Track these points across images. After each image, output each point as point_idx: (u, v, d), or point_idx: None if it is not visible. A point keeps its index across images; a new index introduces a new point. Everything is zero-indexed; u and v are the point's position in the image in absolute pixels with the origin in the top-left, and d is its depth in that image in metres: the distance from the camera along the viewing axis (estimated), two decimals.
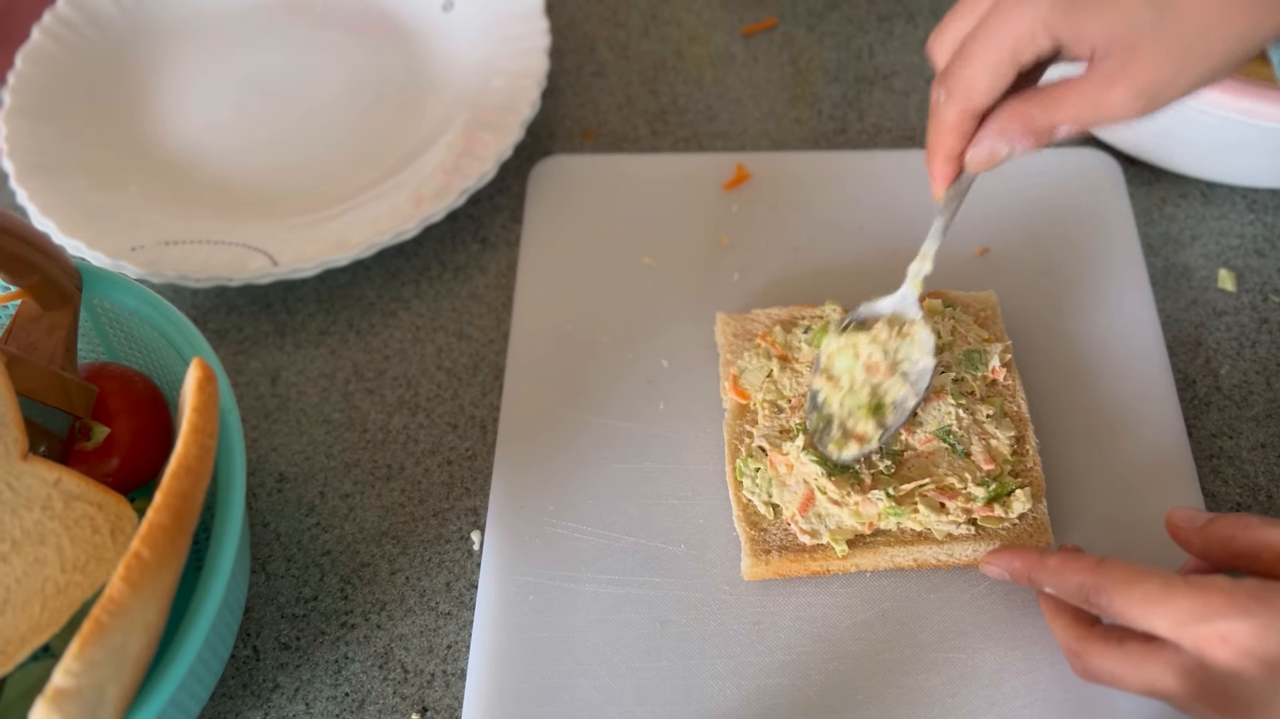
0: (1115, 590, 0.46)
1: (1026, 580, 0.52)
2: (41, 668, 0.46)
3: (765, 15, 0.84)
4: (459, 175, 0.71)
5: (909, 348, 0.57)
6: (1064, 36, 0.45)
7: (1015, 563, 0.52)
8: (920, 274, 0.57)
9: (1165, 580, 0.44)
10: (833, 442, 0.56)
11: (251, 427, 0.65)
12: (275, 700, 0.56)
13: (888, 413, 0.57)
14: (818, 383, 0.58)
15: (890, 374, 0.57)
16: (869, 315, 0.58)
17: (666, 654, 0.55)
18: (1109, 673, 0.47)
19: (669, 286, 0.68)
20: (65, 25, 0.79)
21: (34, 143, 0.74)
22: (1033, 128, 0.48)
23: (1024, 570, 0.52)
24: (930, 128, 0.51)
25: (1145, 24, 0.43)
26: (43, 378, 0.51)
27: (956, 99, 0.49)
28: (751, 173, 0.73)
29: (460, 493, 0.62)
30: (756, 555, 0.56)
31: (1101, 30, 0.44)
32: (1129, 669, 0.46)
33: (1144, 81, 0.44)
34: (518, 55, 0.76)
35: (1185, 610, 0.43)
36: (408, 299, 0.70)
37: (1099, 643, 0.47)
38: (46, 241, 0.52)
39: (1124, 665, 0.46)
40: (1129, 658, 0.46)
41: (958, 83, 0.48)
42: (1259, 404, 0.63)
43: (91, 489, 0.46)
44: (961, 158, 0.51)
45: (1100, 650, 0.47)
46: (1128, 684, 0.46)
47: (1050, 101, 0.47)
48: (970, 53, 0.47)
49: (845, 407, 0.57)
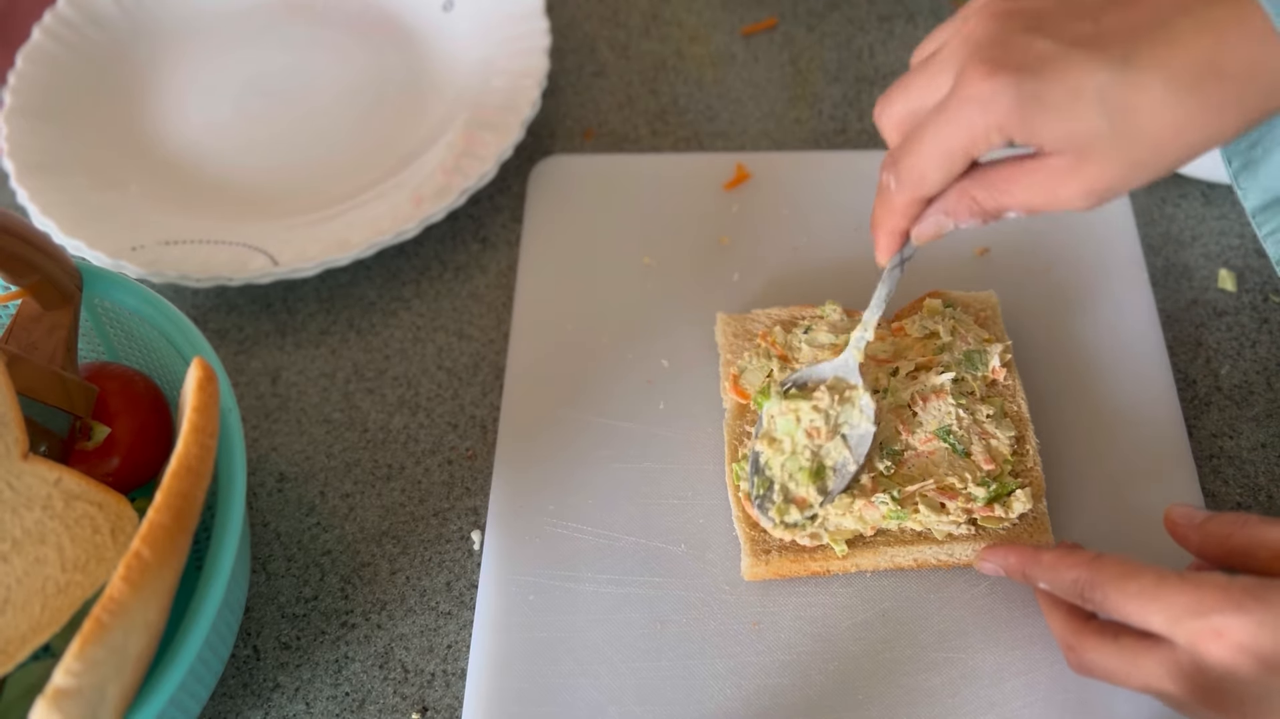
0: (1110, 586, 0.46)
1: (1021, 576, 0.52)
2: (42, 667, 0.46)
3: (765, 15, 0.84)
4: (459, 175, 0.71)
5: (850, 413, 0.56)
6: (1018, 138, 0.45)
7: (1010, 558, 0.52)
8: (862, 341, 0.57)
9: (1160, 576, 0.45)
10: (775, 508, 0.56)
11: (252, 426, 0.65)
12: (275, 700, 0.56)
13: (828, 477, 0.56)
14: (759, 446, 0.57)
15: (830, 438, 0.56)
16: (810, 379, 0.58)
17: (666, 654, 0.55)
18: (1104, 668, 0.47)
19: (669, 286, 0.68)
20: (66, 25, 0.79)
21: (34, 142, 0.74)
22: (980, 210, 0.48)
23: (1019, 566, 0.52)
24: (877, 206, 0.52)
25: (1100, 133, 0.43)
26: (43, 377, 0.51)
27: (906, 188, 0.49)
28: (751, 173, 0.73)
29: (460, 493, 0.62)
30: (756, 555, 0.56)
31: (1055, 136, 0.44)
32: (1124, 664, 0.46)
33: (1097, 183, 0.45)
34: (518, 55, 0.76)
35: (1180, 606, 0.43)
36: (408, 299, 0.70)
37: (1094, 638, 0.48)
38: (47, 241, 0.52)
39: (1119, 660, 0.46)
40: (1124, 653, 0.46)
41: (909, 173, 0.48)
42: (1259, 404, 0.63)
43: (92, 489, 0.46)
44: (906, 234, 0.52)
45: (1095, 645, 0.47)
46: (1122, 679, 0.46)
47: (999, 187, 0.47)
48: (922, 144, 0.47)
49: (786, 469, 0.56)
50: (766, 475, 0.56)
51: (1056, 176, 0.45)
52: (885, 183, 0.50)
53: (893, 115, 0.50)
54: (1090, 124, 0.43)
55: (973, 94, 0.45)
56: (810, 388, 0.57)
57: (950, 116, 0.46)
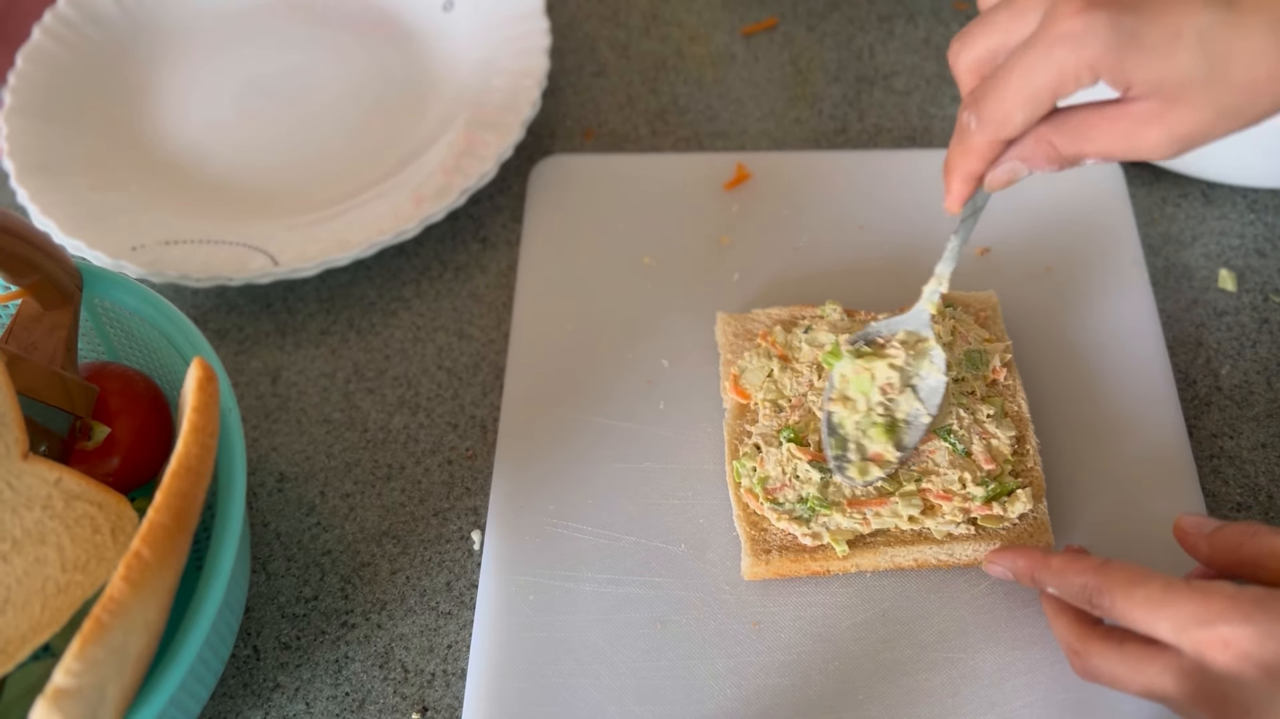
0: (1118, 592, 0.46)
1: (1029, 580, 0.52)
2: (42, 667, 0.46)
3: (766, 15, 0.84)
4: (459, 175, 0.71)
5: (921, 364, 0.57)
6: (1109, 79, 0.44)
7: (1019, 562, 0.52)
8: (935, 294, 0.57)
9: (1168, 584, 0.44)
10: (854, 467, 0.56)
11: (252, 426, 0.65)
12: (275, 700, 0.56)
13: (902, 431, 0.56)
14: (832, 407, 0.57)
15: (902, 391, 0.57)
16: (880, 334, 0.58)
17: (666, 654, 0.55)
18: (1109, 673, 0.47)
19: (669, 286, 0.68)
20: (66, 25, 0.79)
21: (35, 142, 0.74)
22: (1058, 156, 0.47)
23: (1027, 570, 0.52)
24: (953, 148, 0.50)
25: (1196, 76, 0.42)
26: (43, 377, 0.51)
27: (988, 129, 0.48)
28: (752, 173, 0.73)
29: (460, 493, 0.62)
30: (756, 555, 0.56)
31: (1148, 78, 0.43)
32: (1129, 670, 0.46)
33: (1183, 129, 0.44)
34: (518, 55, 0.76)
35: (1187, 614, 0.43)
36: (408, 299, 0.70)
37: (1100, 643, 0.47)
38: (47, 241, 0.52)
39: (1124, 666, 0.46)
40: (1129, 659, 0.46)
41: (992, 113, 0.47)
42: (1259, 404, 0.63)
43: (92, 489, 0.46)
44: (980, 179, 0.51)
45: (1101, 650, 0.47)
46: (1127, 685, 0.46)
47: (1080, 132, 0.46)
48: (1008, 83, 0.46)
49: (860, 427, 0.56)
50: (841, 435, 0.57)
51: (1142, 122, 0.44)
52: (965, 123, 0.49)
53: (971, 54, 0.49)
54: (1186, 67, 0.42)
55: (1065, 30, 0.43)
56: (880, 344, 0.58)
57: (1039, 53, 0.44)
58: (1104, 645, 0.47)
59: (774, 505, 0.56)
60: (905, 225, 0.69)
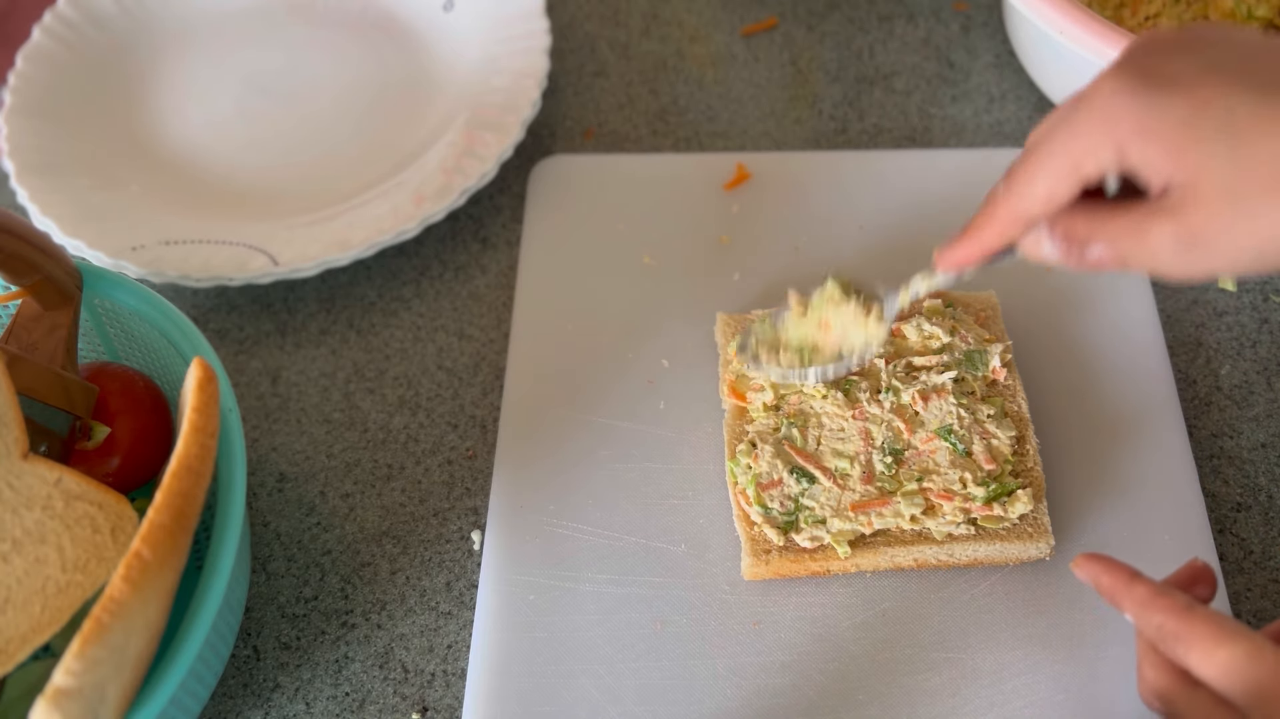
0: (1197, 645, 0.43)
1: (1109, 598, 0.48)
2: (42, 667, 0.46)
3: (766, 15, 0.84)
4: (460, 175, 0.71)
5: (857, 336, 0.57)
6: (1133, 159, 0.41)
7: (1103, 578, 0.48)
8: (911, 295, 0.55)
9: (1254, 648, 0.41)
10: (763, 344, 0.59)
11: (252, 426, 0.65)
12: (275, 700, 0.56)
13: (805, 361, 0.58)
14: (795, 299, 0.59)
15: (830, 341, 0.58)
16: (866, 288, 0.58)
17: (666, 654, 0.55)
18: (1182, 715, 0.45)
19: (669, 286, 0.68)
20: (66, 25, 0.79)
21: (35, 142, 0.74)
22: (1070, 236, 0.45)
23: (1109, 589, 0.47)
24: (977, 214, 0.48)
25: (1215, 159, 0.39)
26: (43, 377, 0.51)
27: (1010, 198, 0.46)
28: (751, 173, 0.73)
29: (460, 493, 0.62)
30: (756, 555, 0.56)
31: (1169, 158, 0.40)
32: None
33: (1192, 225, 0.40)
34: (518, 55, 0.76)
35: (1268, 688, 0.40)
36: (408, 299, 0.70)
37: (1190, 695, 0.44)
38: (47, 241, 0.52)
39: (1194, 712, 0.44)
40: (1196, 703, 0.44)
41: (1016, 181, 0.45)
42: (1259, 404, 0.63)
43: (92, 489, 0.46)
44: (988, 257, 0.49)
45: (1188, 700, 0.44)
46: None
47: (1096, 218, 0.44)
48: (1036, 154, 0.44)
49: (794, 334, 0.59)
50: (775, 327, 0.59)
51: (1152, 214, 0.41)
52: (993, 191, 0.47)
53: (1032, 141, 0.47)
54: (1207, 145, 0.39)
55: (1094, 95, 0.42)
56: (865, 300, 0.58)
57: (1067, 121, 0.43)
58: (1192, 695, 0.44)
59: (763, 510, 0.56)
60: (905, 225, 0.69)
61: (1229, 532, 0.59)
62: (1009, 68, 0.79)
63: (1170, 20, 0.70)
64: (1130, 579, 0.46)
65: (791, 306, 0.59)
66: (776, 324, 0.60)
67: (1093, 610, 0.55)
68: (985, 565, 0.57)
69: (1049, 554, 0.56)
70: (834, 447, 0.58)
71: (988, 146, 0.75)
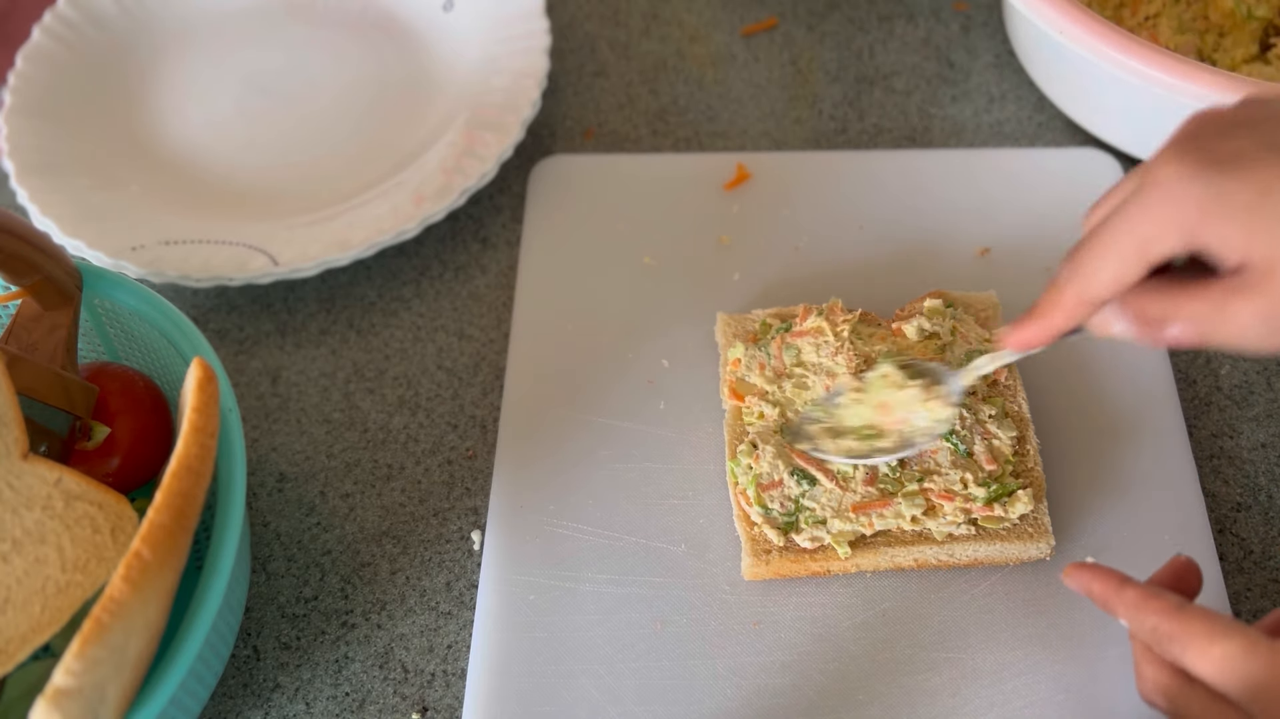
0: (1191, 644, 0.43)
1: (1102, 605, 0.48)
2: (42, 667, 0.46)
3: (765, 15, 0.84)
4: (460, 175, 0.71)
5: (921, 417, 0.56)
6: (1203, 240, 0.41)
7: (1094, 585, 0.48)
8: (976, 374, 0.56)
9: (1248, 643, 0.41)
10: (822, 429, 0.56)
11: (252, 426, 0.65)
12: (275, 700, 0.56)
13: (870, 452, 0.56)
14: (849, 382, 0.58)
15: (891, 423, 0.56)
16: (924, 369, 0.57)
17: (666, 654, 0.55)
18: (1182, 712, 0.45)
19: (669, 286, 0.68)
20: (66, 25, 0.79)
21: (34, 142, 0.74)
22: (1144, 316, 0.44)
23: (1101, 596, 0.48)
24: (1043, 297, 0.48)
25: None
26: (43, 377, 0.51)
27: (1076, 282, 0.45)
28: (751, 173, 0.73)
29: (460, 493, 0.62)
30: (757, 555, 0.56)
31: (1236, 240, 0.40)
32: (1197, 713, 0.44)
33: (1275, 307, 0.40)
34: (518, 55, 0.76)
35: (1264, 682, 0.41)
36: (408, 299, 0.70)
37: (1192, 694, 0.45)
38: (47, 241, 0.52)
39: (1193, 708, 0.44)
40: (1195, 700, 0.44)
41: (1079, 265, 0.45)
42: (1259, 404, 0.63)
43: (92, 489, 0.46)
44: (1056, 338, 0.48)
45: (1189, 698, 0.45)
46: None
47: (1170, 297, 0.43)
48: (1099, 238, 0.44)
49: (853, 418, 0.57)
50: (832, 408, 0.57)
51: (1234, 292, 0.41)
52: (1057, 274, 0.47)
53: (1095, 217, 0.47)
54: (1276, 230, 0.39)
55: (1156, 180, 0.41)
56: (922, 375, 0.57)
57: (1132, 209, 0.42)
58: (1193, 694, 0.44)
59: (763, 510, 0.56)
60: (905, 225, 0.69)
61: (1229, 532, 0.59)
62: (1009, 68, 0.79)
63: (1170, 20, 0.70)
64: (1120, 584, 0.47)
65: (845, 390, 0.57)
66: (830, 407, 0.58)
67: (1093, 610, 0.55)
68: (985, 565, 0.57)
69: (1049, 554, 0.56)
70: None
71: (988, 146, 0.75)
